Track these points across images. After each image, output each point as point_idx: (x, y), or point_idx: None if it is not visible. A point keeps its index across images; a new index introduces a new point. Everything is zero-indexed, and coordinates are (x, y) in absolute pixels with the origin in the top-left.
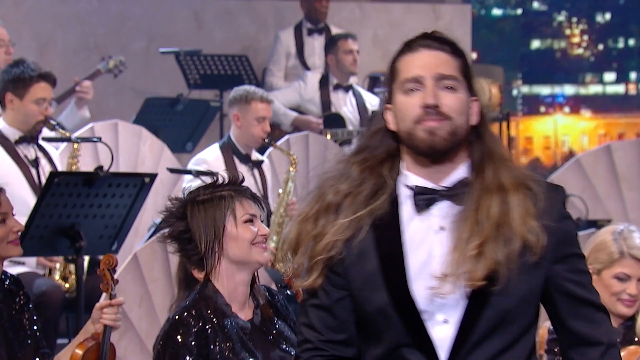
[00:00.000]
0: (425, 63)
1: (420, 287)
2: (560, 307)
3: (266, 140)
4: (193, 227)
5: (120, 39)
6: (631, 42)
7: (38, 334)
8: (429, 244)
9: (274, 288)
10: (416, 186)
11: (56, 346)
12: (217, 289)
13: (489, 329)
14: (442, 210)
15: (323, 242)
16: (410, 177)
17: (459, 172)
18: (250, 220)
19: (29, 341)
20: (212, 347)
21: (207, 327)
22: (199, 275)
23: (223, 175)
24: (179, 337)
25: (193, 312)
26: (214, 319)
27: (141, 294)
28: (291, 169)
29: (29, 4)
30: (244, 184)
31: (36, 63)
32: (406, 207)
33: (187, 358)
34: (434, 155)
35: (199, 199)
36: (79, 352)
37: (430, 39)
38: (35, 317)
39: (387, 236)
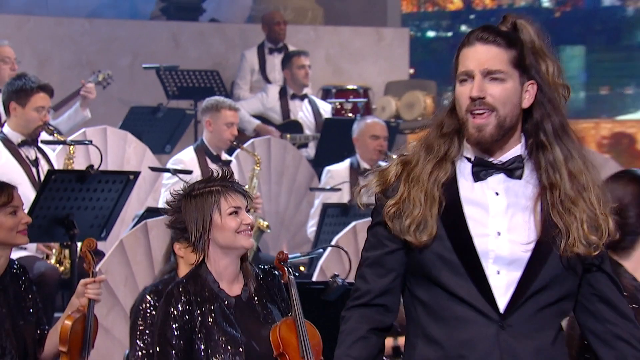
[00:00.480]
0: (476, 57)
1: (478, 240)
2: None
3: (234, 143)
4: (186, 219)
5: (108, 57)
6: None
7: (39, 312)
8: (485, 205)
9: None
10: (475, 157)
11: (53, 319)
12: (208, 269)
13: (541, 286)
14: (496, 180)
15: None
16: (471, 150)
17: (515, 149)
18: (234, 212)
19: (31, 318)
20: (196, 316)
21: (193, 300)
22: (179, 252)
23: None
24: (169, 307)
25: (182, 288)
26: (201, 294)
27: (126, 274)
28: (256, 167)
29: (30, 26)
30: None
31: (36, 76)
32: (465, 174)
33: (173, 325)
34: (482, 147)
35: (192, 193)
36: (68, 323)
37: (487, 32)
38: (37, 299)
39: (447, 194)
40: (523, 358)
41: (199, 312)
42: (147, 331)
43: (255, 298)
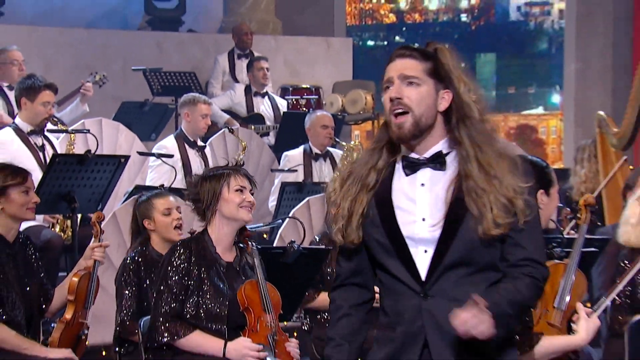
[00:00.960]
0: (395, 68)
1: (406, 226)
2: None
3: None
4: (200, 192)
5: (103, 60)
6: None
7: (42, 274)
8: (413, 195)
9: None
10: (404, 156)
11: (58, 278)
12: (210, 235)
13: (455, 260)
14: (423, 174)
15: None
16: (403, 149)
17: (437, 146)
18: (240, 190)
19: (36, 279)
20: (192, 269)
21: (192, 256)
22: (149, 226)
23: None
24: (171, 258)
25: (185, 245)
26: (200, 253)
27: (119, 241)
28: (241, 153)
29: (37, 35)
30: (194, 164)
31: (43, 77)
32: (399, 171)
33: (173, 272)
34: (404, 142)
35: (209, 174)
36: (75, 279)
37: (404, 49)
38: (40, 263)
39: (381, 190)
40: (443, 325)
41: (195, 266)
42: (130, 295)
43: (245, 266)
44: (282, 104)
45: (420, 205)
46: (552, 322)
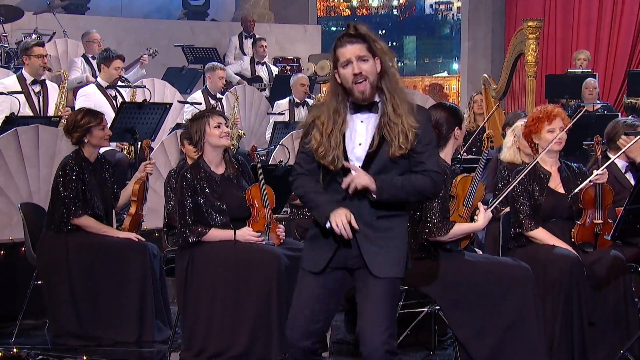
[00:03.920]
0: (350, 51)
1: (350, 148)
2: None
3: (229, 91)
4: (191, 131)
5: (155, 39)
6: (396, 44)
7: (114, 183)
8: (355, 128)
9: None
10: (352, 102)
11: (125, 184)
12: (204, 158)
13: (375, 171)
14: (363, 114)
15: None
16: (352, 99)
17: (375, 97)
18: (217, 126)
19: (108, 186)
20: (197, 185)
21: (194, 176)
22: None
23: (210, 105)
24: (182, 182)
25: (189, 171)
26: (200, 173)
27: (165, 161)
28: (236, 102)
29: (112, 22)
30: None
31: (115, 50)
32: (348, 113)
33: (186, 195)
34: (365, 101)
35: (194, 118)
36: (136, 186)
37: (348, 36)
38: (112, 175)
39: (339, 125)
40: (362, 208)
41: (198, 182)
42: (172, 195)
43: (232, 175)
44: (274, 70)
45: (359, 134)
46: (462, 215)
